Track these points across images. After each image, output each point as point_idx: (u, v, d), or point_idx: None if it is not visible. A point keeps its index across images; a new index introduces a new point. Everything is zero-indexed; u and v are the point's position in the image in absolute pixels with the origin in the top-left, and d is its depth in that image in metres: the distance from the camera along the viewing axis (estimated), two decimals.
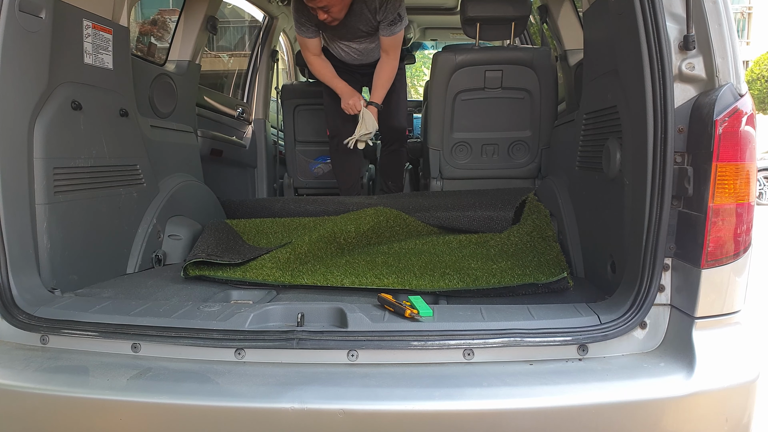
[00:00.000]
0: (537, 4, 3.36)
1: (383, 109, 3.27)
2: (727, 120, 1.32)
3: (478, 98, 3.07)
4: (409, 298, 1.56)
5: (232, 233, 2.48)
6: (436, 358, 1.41)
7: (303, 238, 2.28)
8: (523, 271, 1.94)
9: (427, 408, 1.26)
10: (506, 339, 1.39)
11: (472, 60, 3.00)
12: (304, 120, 4.10)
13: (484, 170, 3.19)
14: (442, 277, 1.90)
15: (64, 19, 1.83)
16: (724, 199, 1.35)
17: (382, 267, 2.05)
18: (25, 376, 1.39)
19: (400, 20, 3.00)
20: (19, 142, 1.66)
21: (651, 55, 1.41)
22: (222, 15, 4.08)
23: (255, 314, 1.48)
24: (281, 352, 1.41)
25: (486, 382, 1.31)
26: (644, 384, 1.31)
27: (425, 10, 4.52)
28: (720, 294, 1.37)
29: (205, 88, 3.51)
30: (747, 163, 1.35)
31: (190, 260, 2.03)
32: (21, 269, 1.61)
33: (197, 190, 2.76)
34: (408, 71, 13.28)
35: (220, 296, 1.88)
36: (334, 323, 1.49)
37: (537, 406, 1.26)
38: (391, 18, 2.97)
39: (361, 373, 1.36)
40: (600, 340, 1.40)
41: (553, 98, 3.04)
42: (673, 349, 1.40)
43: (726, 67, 1.38)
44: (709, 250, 1.35)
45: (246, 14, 4.58)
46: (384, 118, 3.42)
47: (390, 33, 3.02)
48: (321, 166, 4.18)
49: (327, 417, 1.25)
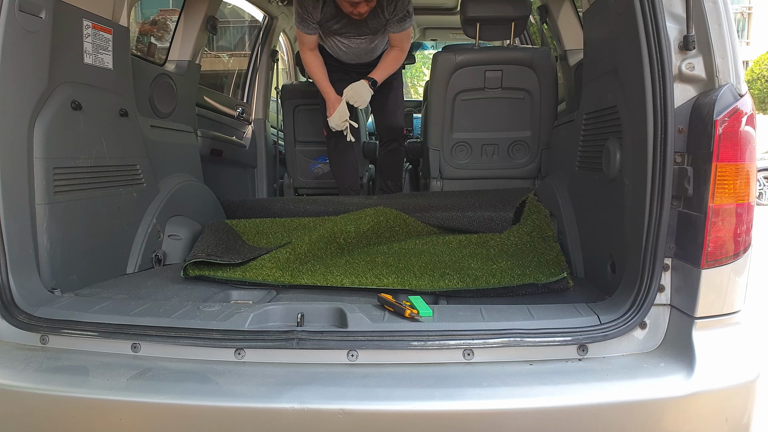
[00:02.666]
0: (537, 4, 3.36)
1: (380, 109, 3.28)
2: (727, 120, 1.32)
3: (478, 98, 3.07)
4: (409, 298, 1.56)
5: (232, 233, 2.48)
6: (435, 358, 1.41)
7: (303, 238, 2.28)
8: (523, 271, 1.94)
9: (427, 408, 1.26)
10: (506, 339, 1.39)
11: (472, 60, 3.00)
12: (304, 120, 4.10)
13: (484, 170, 3.19)
14: (442, 277, 1.90)
15: (64, 19, 1.83)
16: (724, 199, 1.35)
17: (382, 267, 2.05)
18: (25, 376, 1.38)
19: (409, 17, 3.11)
20: (19, 142, 1.66)
21: (651, 55, 1.41)
22: (222, 15, 4.07)
23: (255, 314, 1.48)
24: (281, 352, 1.41)
25: (486, 382, 1.31)
26: (644, 384, 1.31)
27: (425, 10, 4.52)
28: (720, 294, 1.37)
29: (205, 88, 3.51)
30: (747, 163, 1.35)
31: (190, 260, 2.03)
32: (21, 269, 1.61)
33: (197, 190, 2.76)
34: (408, 71, 13.31)
35: (220, 296, 1.88)
36: (334, 323, 1.49)
37: (537, 406, 1.26)
38: (400, 15, 3.05)
39: (361, 373, 1.36)
40: (600, 340, 1.40)
41: (553, 98, 3.04)
42: (673, 350, 1.40)
43: (726, 67, 1.38)
44: (709, 250, 1.35)
45: (246, 14, 4.58)
46: (381, 117, 3.44)
47: (400, 29, 3.12)
48: (321, 166, 4.18)
49: (327, 417, 1.25)
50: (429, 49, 5.77)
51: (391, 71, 3.26)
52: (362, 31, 3.14)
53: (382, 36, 3.22)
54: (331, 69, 3.29)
